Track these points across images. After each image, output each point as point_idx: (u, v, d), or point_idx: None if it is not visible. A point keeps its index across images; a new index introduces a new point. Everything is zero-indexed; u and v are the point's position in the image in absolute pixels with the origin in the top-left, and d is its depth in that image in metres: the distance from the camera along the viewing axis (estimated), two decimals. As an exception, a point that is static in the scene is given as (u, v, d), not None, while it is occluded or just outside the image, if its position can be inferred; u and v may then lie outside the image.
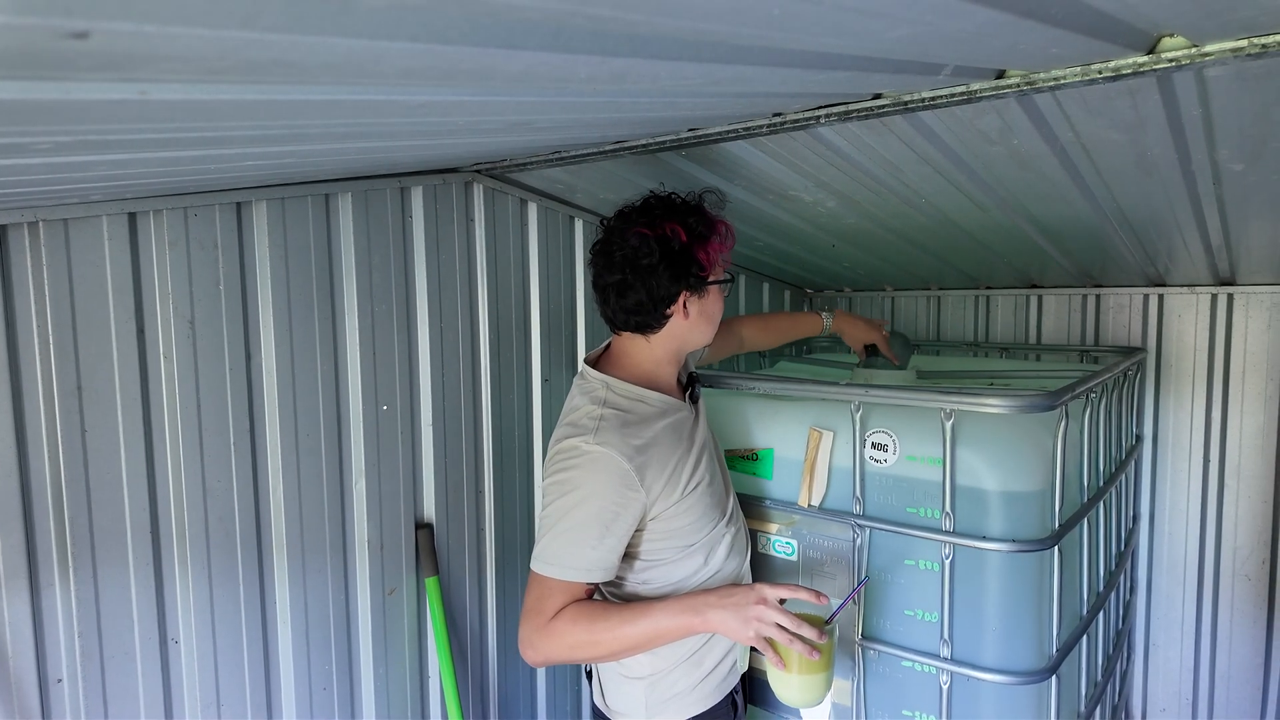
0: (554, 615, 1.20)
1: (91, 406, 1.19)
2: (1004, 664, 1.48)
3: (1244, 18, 0.80)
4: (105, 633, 1.23)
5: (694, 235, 1.27)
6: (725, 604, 1.19)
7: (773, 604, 1.19)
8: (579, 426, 1.25)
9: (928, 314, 2.97)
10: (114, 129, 0.72)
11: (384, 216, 1.59)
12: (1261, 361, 2.35)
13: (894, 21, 0.72)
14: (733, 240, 1.35)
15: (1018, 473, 1.48)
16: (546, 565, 1.21)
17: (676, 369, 1.40)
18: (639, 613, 1.20)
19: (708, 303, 1.33)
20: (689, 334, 1.34)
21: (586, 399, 1.29)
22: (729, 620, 1.19)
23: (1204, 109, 1.07)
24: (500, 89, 0.79)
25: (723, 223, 1.33)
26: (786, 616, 1.18)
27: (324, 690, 1.53)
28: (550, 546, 1.21)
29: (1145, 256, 2.11)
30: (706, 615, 1.19)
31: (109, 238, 1.20)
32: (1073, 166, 1.38)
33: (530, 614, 1.21)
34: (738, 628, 1.19)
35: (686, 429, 1.34)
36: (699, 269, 1.28)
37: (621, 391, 1.30)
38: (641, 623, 1.19)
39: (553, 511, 1.22)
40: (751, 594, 1.20)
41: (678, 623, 1.20)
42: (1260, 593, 2.40)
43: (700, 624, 1.20)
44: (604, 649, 1.21)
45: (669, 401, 1.34)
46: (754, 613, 1.18)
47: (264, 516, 1.43)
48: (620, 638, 1.19)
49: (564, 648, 1.20)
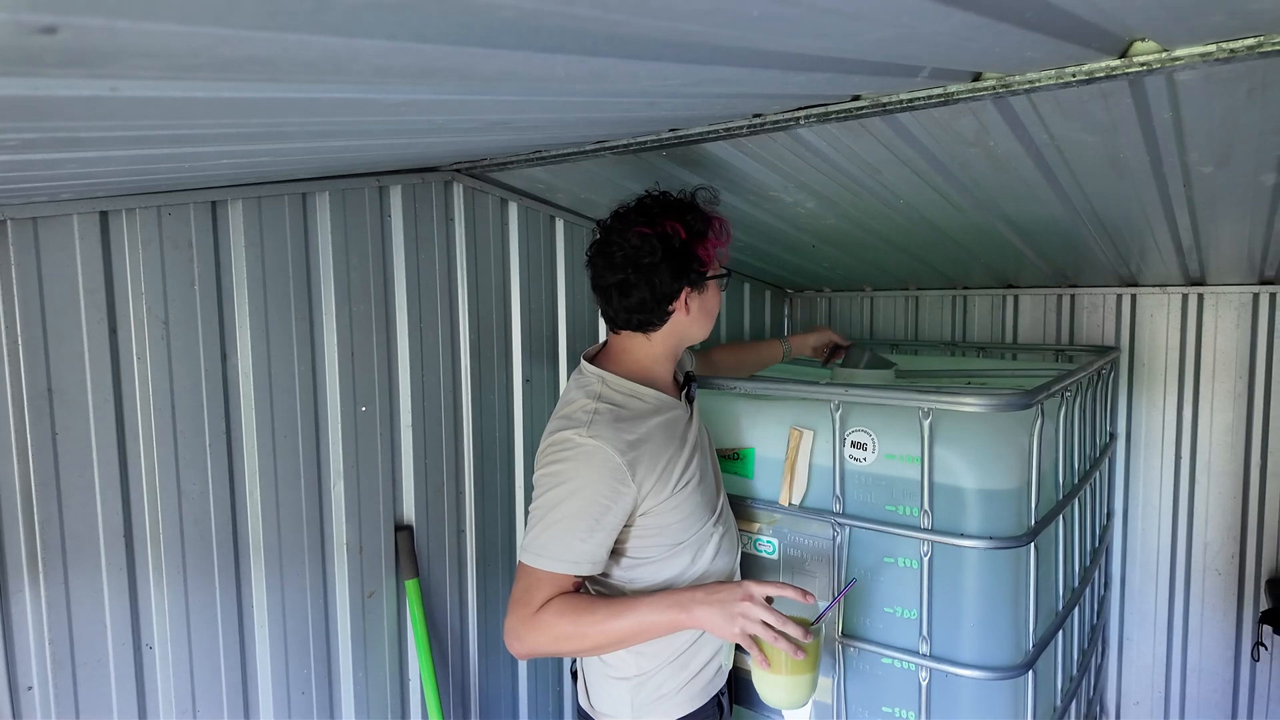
0: (540, 607, 1.20)
1: (62, 409, 1.17)
2: (982, 660, 1.50)
3: (1213, 23, 0.81)
4: (77, 639, 1.20)
5: (693, 232, 1.29)
6: (712, 600, 1.19)
7: (759, 601, 1.19)
8: (573, 419, 1.26)
9: (906, 314, 2.99)
10: (84, 126, 0.71)
11: (362, 216, 1.58)
12: (1231, 360, 2.39)
13: (872, 24, 0.72)
14: (729, 235, 1.37)
15: (994, 471, 1.50)
16: (535, 556, 1.21)
17: (673, 366, 1.41)
18: (626, 607, 1.20)
19: (707, 298, 1.35)
20: (689, 329, 1.36)
21: (582, 393, 1.31)
22: (715, 616, 1.18)
23: (1174, 112, 1.09)
24: (479, 88, 0.79)
25: (718, 218, 1.35)
26: (772, 614, 1.18)
27: (303, 695, 1.51)
28: (539, 538, 1.21)
29: (1118, 257, 2.15)
30: (693, 611, 1.19)
31: (80, 237, 1.18)
32: (1047, 168, 1.39)
33: (517, 604, 1.21)
34: (723, 624, 1.18)
35: (680, 427, 1.35)
36: (699, 265, 1.30)
37: (617, 387, 1.31)
38: (628, 617, 1.19)
39: (543, 503, 1.22)
40: (738, 590, 1.20)
41: (664, 618, 1.19)
42: (1230, 587, 2.45)
43: (687, 620, 1.19)
44: (589, 642, 1.21)
45: (664, 399, 1.34)
46: (740, 609, 1.18)
47: (240, 519, 1.41)
48: (606, 631, 1.19)
49: (549, 640, 1.20)
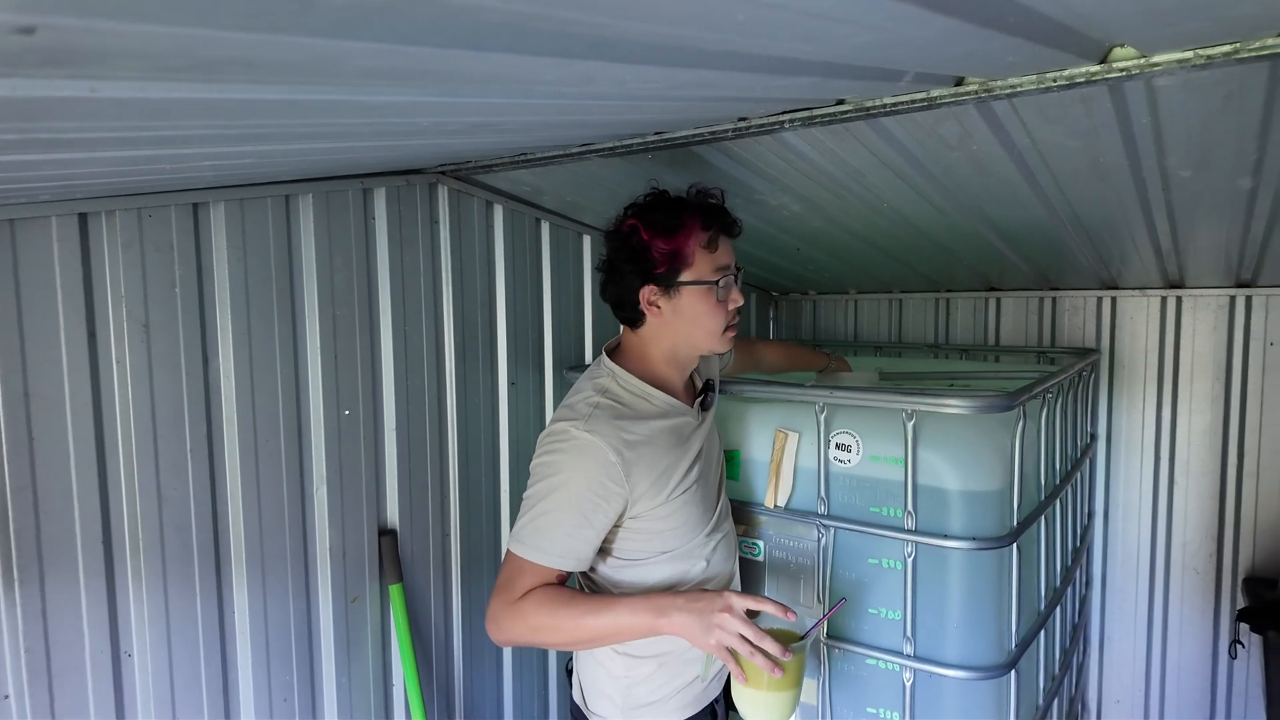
0: (522, 596, 1.19)
1: (40, 413, 1.15)
2: (965, 660, 1.51)
3: (1190, 29, 0.83)
4: (54, 647, 1.18)
5: (655, 231, 1.25)
6: (691, 608, 1.16)
7: (738, 613, 1.15)
8: (574, 410, 1.26)
9: (889, 316, 3.01)
10: (64, 127, 0.70)
11: (346, 218, 1.56)
12: (1209, 362, 2.43)
13: (856, 28, 0.73)
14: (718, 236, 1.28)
15: (977, 472, 1.51)
16: (521, 546, 1.21)
17: (678, 372, 1.37)
18: (604, 605, 1.19)
19: (683, 302, 1.28)
20: (673, 335, 1.31)
21: (590, 384, 1.31)
22: (692, 625, 1.15)
23: (1153, 117, 1.10)
24: (465, 90, 0.79)
25: (696, 218, 1.27)
26: (750, 628, 1.14)
27: (285, 701, 1.49)
28: (527, 528, 1.21)
29: (1099, 260, 2.17)
30: (671, 616, 1.16)
31: (58, 239, 1.16)
32: (1029, 172, 1.41)
33: (500, 590, 1.22)
34: (699, 634, 1.15)
35: (686, 434, 1.33)
36: (655, 266, 1.26)
37: (626, 384, 1.30)
38: (605, 615, 1.18)
39: (534, 492, 1.23)
40: (719, 601, 1.16)
41: (641, 621, 1.17)
42: (1208, 585, 2.49)
43: (664, 625, 1.16)
44: (565, 636, 1.20)
45: (673, 404, 1.33)
46: (718, 620, 1.14)
47: (222, 524, 1.39)
48: (582, 626, 1.18)
49: (526, 629, 1.20)
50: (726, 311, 1.32)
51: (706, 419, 1.41)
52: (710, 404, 1.43)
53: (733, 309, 1.33)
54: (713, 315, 1.30)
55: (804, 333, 3.23)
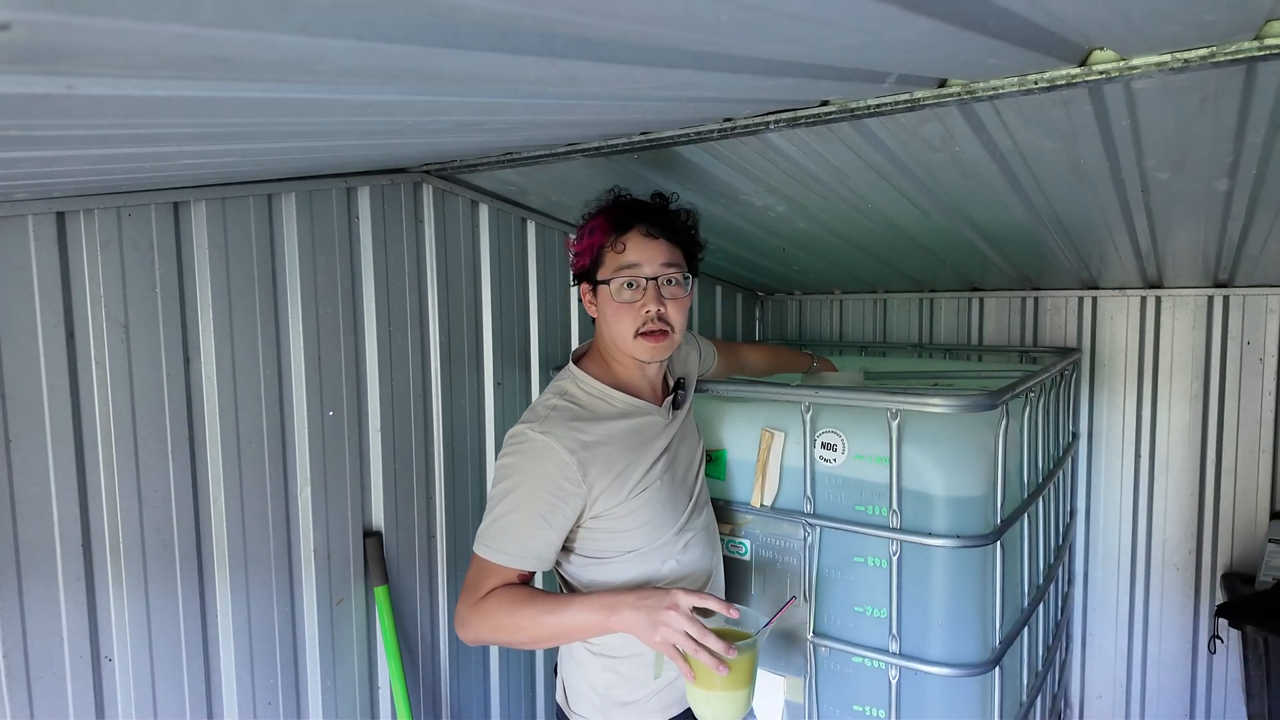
0: (485, 595, 1.22)
1: (17, 415, 1.14)
2: (950, 657, 1.52)
3: (1168, 33, 0.84)
4: (32, 651, 1.17)
5: (578, 230, 1.36)
6: (639, 605, 1.16)
7: (684, 611, 1.13)
8: (533, 413, 1.29)
9: (874, 316, 3.03)
10: (39, 124, 0.69)
11: (329, 217, 1.55)
12: (1187, 361, 2.46)
13: (839, 30, 0.73)
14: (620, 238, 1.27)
15: (961, 471, 1.53)
16: (483, 547, 1.23)
17: (638, 371, 1.36)
18: (560, 604, 1.20)
19: (600, 302, 1.31)
20: (608, 334, 1.32)
21: (552, 388, 1.34)
22: (639, 622, 1.15)
23: (1132, 120, 1.12)
24: (448, 89, 0.78)
25: (602, 216, 1.30)
26: (695, 626, 1.12)
27: (269, 705, 1.48)
28: (489, 529, 1.24)
29: (1079, 260, 2.20)
30: (621, 614, 1.16)
31: (35, 238, 1.15)
32: (1011, 173, 1.42)
33: (465, 590, 1.25)
34: (646, 630, 1.15)
35: (651, 434, 1.33)
36: (575, 263, 1.35)
37: (585, 386, 1.32)
38: (561, 614, 1.19)
39: (494, 494, 1.25)
40: (666, 598, 1.15)
41: (592, 618, 1.18)
42: (1188, 581, 2.52)
43: (615, 622, 1.17)
44: (525, 634, 1.21)
45: (635, 404, 1.33)
46: (663, 618, 1.13)
47: (204, 527, 1.38)
48: (540, 625, 1.19)
49: (489, 628, 1.22)
50: (637, 314, 1.27)
51: (677, 417, 1.41)
52: (682, 402, 1.43)
53: (643, 312, 1.27)
54: (618, 317, 1.28)
55: (790, 333, 3.24)
